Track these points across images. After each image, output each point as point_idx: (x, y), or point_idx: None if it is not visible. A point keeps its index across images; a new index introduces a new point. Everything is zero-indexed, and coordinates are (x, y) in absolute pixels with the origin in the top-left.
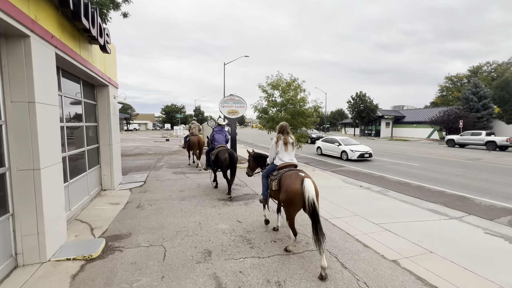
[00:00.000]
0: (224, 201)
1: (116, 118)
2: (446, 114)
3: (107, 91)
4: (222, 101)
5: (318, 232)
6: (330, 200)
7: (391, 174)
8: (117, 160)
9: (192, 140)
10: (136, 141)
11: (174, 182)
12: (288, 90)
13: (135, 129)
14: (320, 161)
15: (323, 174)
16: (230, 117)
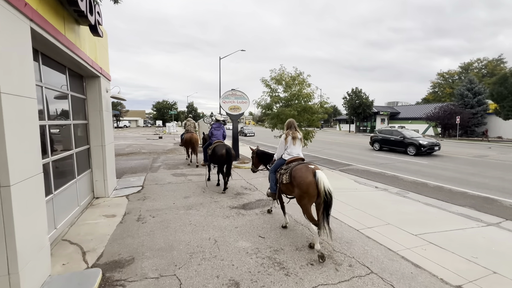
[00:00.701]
0: (237, 210)
1: (109, 115)
2: (441, 110)
3: (98, 84)
4: (223, 96)
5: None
6: (352, 205)
7: (403, 173)
8: (111, 162)
9: (185, 138)
10: (128, 139)
11: (175, 186)
12: (292, 84)
13: (126, 126)
14: (324, 159)
15: (332, 174)
16: (232, 113)
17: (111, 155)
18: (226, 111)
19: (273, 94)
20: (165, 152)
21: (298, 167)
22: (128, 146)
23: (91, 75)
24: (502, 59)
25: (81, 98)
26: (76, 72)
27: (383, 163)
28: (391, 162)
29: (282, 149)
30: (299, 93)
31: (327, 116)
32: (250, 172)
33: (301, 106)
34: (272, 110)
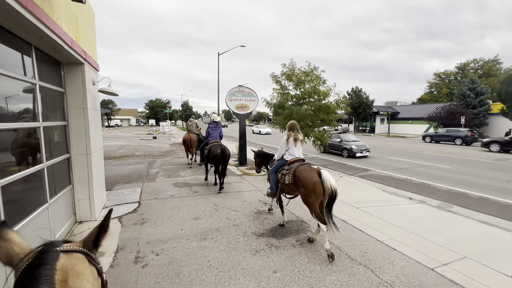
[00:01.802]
0: (266, 239)
1: (96, 114)
2: (444, 110)
3: (82, 73)
4: (229, 94)
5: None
6: (402, 226)
7: (431, 180)
8: (99, 175)
9: (184, 138)
10: (120, 139)
11: (179, 201)
12: (304, 81)
13: (117, 125)
14: (336, 163)
15: (355, 181)
16: (239, 112)
17: (99, 165)
18: (232, 110)
19: (283, 91)
20: (162, 154)
21: (301, 168)
22: (120, 148)
23: (72, 61)
24: (498, 60)
25: (58, 91)
26: (49, 56)
27: (402, 167)
28: (411, 166)
29: (284, 149)
30: (313, 90)
31: (345, 116)
32: (265, 181)
33: (317, 105)
34: (284, 109)
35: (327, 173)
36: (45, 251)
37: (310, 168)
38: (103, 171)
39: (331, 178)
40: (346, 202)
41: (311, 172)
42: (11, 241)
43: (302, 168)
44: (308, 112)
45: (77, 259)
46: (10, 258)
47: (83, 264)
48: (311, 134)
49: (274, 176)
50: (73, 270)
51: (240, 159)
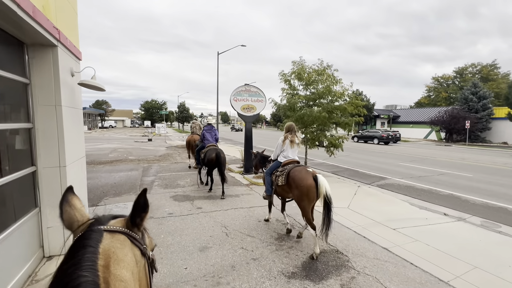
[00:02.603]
0: (300, 281)
1: (76, 113)
2: (447, 115)
3: (55, 59)
4: (234, 93)
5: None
6: (458, 256)
7: (458, 190)
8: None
9: (187, 140)
10: (113, 141)
11: (181, 222)
12: (316, 80)
13: (111, 126)
14: (346, 169)
15: (375, 193)
16: (245, 114)
17: (79, 180)
18: (237, 111)
19: (293, 92)
20: (158, 159)
21: (296, 169)
22: (112, 151)
23: (39, 41)
24: (496, 65)
25: (18, 82)
26: (5, 32)
27: (421, 175)
28: (430, 174)
29: (279, 151)
30: (327, 90)
31: (362, 119)
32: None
33: (332, 106)
34: (295, 111)
35: (323, 177)
36: (91, 230)
37: (305, 171)
38: (85, 186)
39: (326, 183)
40: (377, 221)
41: (306, 175)
42: (74, 206)
43: (297, 170)
44: (323, 114)
45: (119, 241)
46: (72, 223)
47: (124, 249)
48: (324, 139)
49: (269, 178)
50: (115, 255)
51: (246, 166)
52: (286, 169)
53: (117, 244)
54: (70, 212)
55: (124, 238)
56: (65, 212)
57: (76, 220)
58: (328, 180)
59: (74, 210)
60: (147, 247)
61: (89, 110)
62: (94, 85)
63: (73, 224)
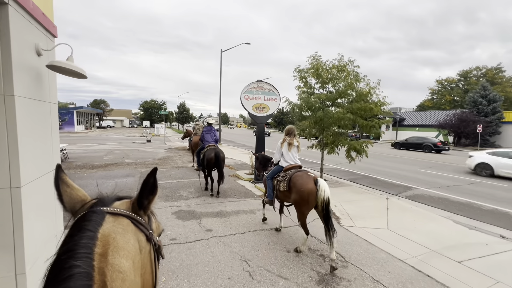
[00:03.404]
0: None
1: (43, 108)
2: (456, 118)
3: (4, 23)
4: (245, 90)
5: (330, 228)
6: None
7: (501, 204)
8: (42, 223)
9: (194, 141)
10: (110, 141)
11: (188, 254)
12: (336, 78)
13: (109, 126)
14: (365, 177)
15: (410, 207)
16: (257, 114)
17: (44, 205)
18: (248, 111)
19: (309, 90)
20: (157, 162)
21: (298, 174)
22: (108, 153)
23: None
24: (501, 68)
25: None
26: None
27: (450, 185)
28: (459, 184)
29: (279, 155)
30: (351, 88)
31: (391, 121)
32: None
33: (357, 107)
34: (315, 112)
35: (324, 182)
36: (93, 211)
37: (307, 176)
38: (60, 211)
39: (327, 188)
40: (432, 248)
41: (308, 179)
42: (72, 186)
43: (298, 175)
44: (347, 115)
45: (121, 226)
46: (74, 204)
47: (126, 235)
48: (345, 143)
49: (270, 183)
50: (115, 241)
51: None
52: (288, 174)
53: (119, 229)
54: (70, 192)
55: (128, 222)
56: (64, 192)
57: (79, 200)
58: (351, 190)
59: (74, 189)
60: (153, 232)
61: (86, 109)
62: (70, 68)
63: (76, 205)
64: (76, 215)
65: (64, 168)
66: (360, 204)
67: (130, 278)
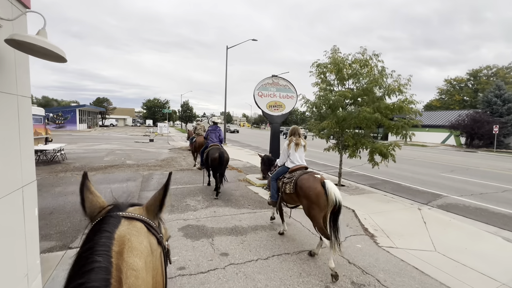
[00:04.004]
0: None
1: (7, 102)
2: (469, 118)
3: None
4: (259, 87)
5: (337, 230)
6: None
7: None
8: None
9: (199, 141)
10: (112, 140)
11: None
12: (358, 74)
13: (112, 125)
14: (387, 182)
15: (447, 220)
16: (272, 113)
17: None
18: (262, 109)
19: (329, 87)
20: (160, 164)
21: (304, 177)
22: (109, 153)
23: None
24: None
25: None
26: None
27: (482, 192)
28: (492, 191)
29: (285, 156)
30: (373, 85)
31: (421, 123)
32: None
33: (384, 105)
34: (335, 111)
35: (332, 183)
36: (110, 216)
37: (313, 178)
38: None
39: (335, 189)
40: (503, 281)
41: (315, 182)
42: (94, 193)
43: (304, 177)
44: (375, 115)
45: (135, 229)
46: (94, 210)
47: (139, 237)
48: (368, 146)
49: (274, 184)
50: (130, 242)
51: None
52: (294, 176)
53: (133, 231)
54: (91, 198)
55: (141, 225)
56: (87, 198)
57: (98, 206)
58: (377, 198)
59: (95, 196)
60: (163, 236)
61: (89, 107)
62: (41, 46)
63: (95, 210)
64: (95, 220)
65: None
66: (391, 216)
67: (143, 276)
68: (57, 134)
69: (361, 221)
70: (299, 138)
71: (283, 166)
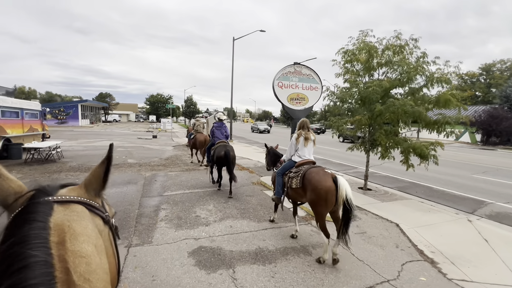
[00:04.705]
0: None
1: None
2: (487, 114)
3: None
4: (279, 76)
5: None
6: None
7: None
8: None
9: (199, 139)
10: (114, 136)
11: None
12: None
13: (115, 120)
14: (414, 184)
15: (509, 236)
16: (293, 107)
17: None
18: (283, 102)
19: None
20: (164, 163)
21: (313, 170)
22: None
23: None
24: None
25: None
26: None
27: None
28: None
29: (293, 150)
30: (415, 74)
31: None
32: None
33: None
34: (369, 105)
35: (344, 180)
36: (36, 201)
37: (323, 172)
38: None
39: (347, 186)
40: None
41: (325, 177)
42: (4, 175)
43: (313, 171)
44: (420, 109)
45: (75, 213)
46: (6, 196)
47: (82, 221)
48: (405, 145)
49: (280, 179)
50: (71, 229)
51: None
52: (301, 170)
53: (74, 217)
54: (1, 183)
55: (82, 208)
56: None
57: (13, 192)
58: (414, 206)
59: (6, 179)
60: (109, 214)
61: (91, 103)
62: None
63: (9, 197)
64: (13, 210)
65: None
66: (441, 231)
67: (96, 261)
68: (58, 130)
69: (411, 240)
70: (308, 132)
71: (290, 160)
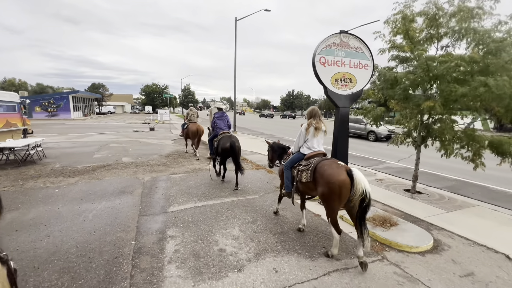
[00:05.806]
0: None
1: None
2: None
3: None
4: (321, 48)
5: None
6: None
7: None
8: None
9: (191, 129)
10: (108, 130)
11: None
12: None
13: (110, 112)
14: (462, 182)
15: None
16: (337, 91)
17: None
18: (326, 85)
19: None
20: (164, 162)
21: (325, 163)
22: (102, 146)
23: None
24: None
25: None
26: None
27: None
28: None
29: (301, 141)
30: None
31: None
32: None
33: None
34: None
35: (359, 172)
36: None
37: (337, 165)
38: None
39: (364, 179)
40: None
41: (339, 170)
42: None
43: (326, 163)
44: None
45: None
46: None
47: None
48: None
49: (288, 173)
50: None
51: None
52: (312, 163)
53: None
54: None
55: None
56: None
57: None
58: (494, 218)
59: None
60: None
61: (84, 94)
62: None
63: None
64: None
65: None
66: None
67: None
68: (48, 124)
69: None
70: (319, 121)
71: (298, 152)
